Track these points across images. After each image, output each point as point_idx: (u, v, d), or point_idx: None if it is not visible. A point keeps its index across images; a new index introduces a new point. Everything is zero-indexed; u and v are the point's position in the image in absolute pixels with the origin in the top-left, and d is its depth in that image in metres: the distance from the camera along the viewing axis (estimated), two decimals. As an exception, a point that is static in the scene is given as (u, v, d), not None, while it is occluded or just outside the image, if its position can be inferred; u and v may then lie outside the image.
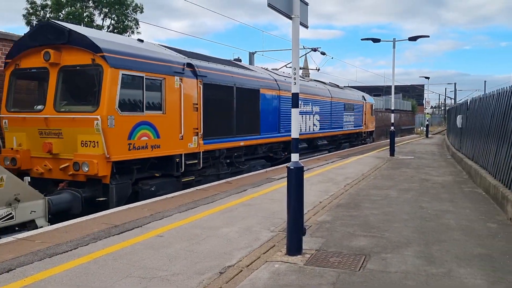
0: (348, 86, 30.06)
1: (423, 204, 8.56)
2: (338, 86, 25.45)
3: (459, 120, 17.29)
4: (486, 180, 9.61)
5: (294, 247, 5.39)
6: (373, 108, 31.12)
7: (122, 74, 8.70)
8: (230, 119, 12.46)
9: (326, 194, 9.59)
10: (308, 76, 34.29)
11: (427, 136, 40.24)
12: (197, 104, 10.82)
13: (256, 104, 13.92)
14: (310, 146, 19.35)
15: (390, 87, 21.56)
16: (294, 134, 5.43)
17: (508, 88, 8.87)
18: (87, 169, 8.22)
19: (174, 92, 10.05)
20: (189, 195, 9.32)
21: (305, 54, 26.93)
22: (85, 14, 32.56)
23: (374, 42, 20.94)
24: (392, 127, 20.40)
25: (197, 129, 10.82)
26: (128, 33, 34.31)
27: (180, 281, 4.57)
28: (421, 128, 61.24)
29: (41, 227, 7.20)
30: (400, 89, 71.11)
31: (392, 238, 6.19)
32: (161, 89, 9.71)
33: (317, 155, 19.72)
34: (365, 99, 28.30)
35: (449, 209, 8.07)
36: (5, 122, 9.44)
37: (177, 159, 10.22)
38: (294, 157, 5.41)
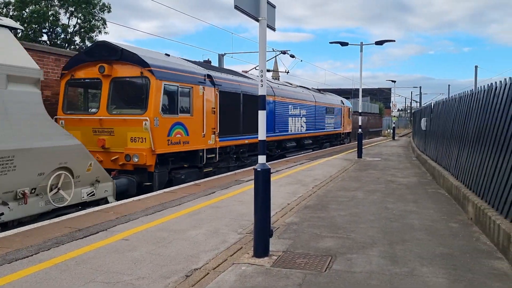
0: (318, 89, 30.66)
1: (389, 205, 8.73)
2: (320, 91, 28.08)
3: (423, 123, 17.75)
4: (449, 181, 9.89)
5: (261, 249, 5.40)
6: (350, 111, 33.51)
7: (164, 84, 10.95)
8: (237, 120, 14.82)
9: (294, 195, 9.65)
10: (278, 79, 34.53)
11: (393, 138, 41.15)
12: (214, 108, 13.15)
13: (257, 108, 14.67)
14: (298, 145, 21.77)
15: (358, 90, 21.92)
16: (261, 136, 5.44)
17: (468, 92, 9.15)
18: (137, 159, 10.34)
19: (199, 98, 12.35)
20: (157, 198, 9.20)
21: (275, 56, 27.16)
22: (50, 13, 31.72)
23: (342, 45, 21.26)
24: (360, 130, 20.74)
25: (214, 128, 13.14)
26: (95, 32, 33.61)
27: (145, 285, 4.49)
28: (388, 130, 62.56)
29: (111, 202, 9.10)
30: (368, 92, 72.45)
31: (358, 238, 6.28)
32: (190, 96, 11.98)
33: (303, 153, 22.25)
34: (343, 103, 30.61)
35: (413, 210, 8.26)
36: (61, 122, 11.15)
37: (200, 153, 12.51)
38: (261, 159, 5.41)
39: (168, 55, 12.48)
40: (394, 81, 44.16)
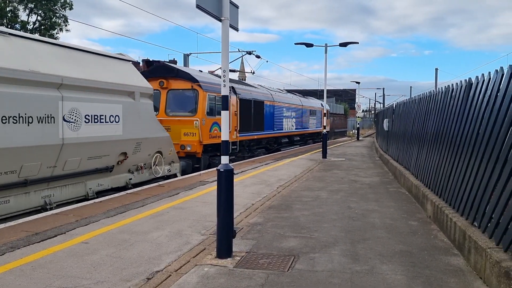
0: (285, 90, 31.29)
1: (351, 204, 8.88)
2: (304, 96, 33.93)
3: (385, 123, 18.16)
4: (409, 181, 10.15)
5: (224, 250, 5.37)
6: (328, 112, 37.06)
7: (208, 95, 15.51)
8: (250, 120, 19.57)
9: (259, 196, 9.67)
10: (244, 79, 34.71)
11: (358, 138, 41.93)
12: (236, 111, 17.93)
13: (262, 111, 21.39)
14: (289, 141, 27.26)
15: (323, 91, 22.19)
16: (224, 136, 5.41)
17: (427, 93, 9.43)
18: (189, 148, 14.80)
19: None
20: (119, 200, 9.02)
21: (241, 56, 27.15)
22: (8, 9, 30.61)
23: (307, 46, 21.47)
24: (325, 130, 20.99)
25: (236, 127, 17.94)
26: (56, 30, 32.68)
27: (104, 289, 4.39)
28: (353, 131, 63.72)
29: (179, 177, 13.18)
30: (333, 93, 73.52)
31: (321, 238, 6.35)
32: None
33: (293, 147, 27.30)
34: (322, 106, 33.49)
35: (375, 209, 8.43)
36: None
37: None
38: (224, 159, 5.39)
39: (201, 71, 17.60)
40: (359, 83, 44.99)
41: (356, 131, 47.92)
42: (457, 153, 6.52)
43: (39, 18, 32.93)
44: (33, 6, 31.95)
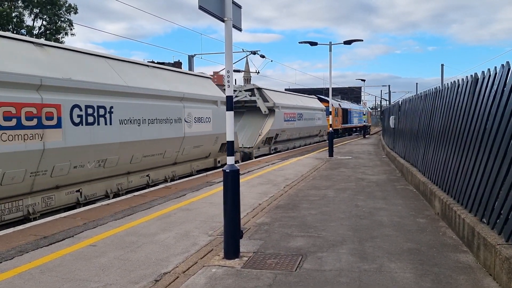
0: (289, 90, 31.34)
1: (359, 202, 8.84)
2: (352, 101, 47.73)
3: (392, 120, 18.07)
4: (416, 178, 10.09)
5: (231, 250, 5.37)
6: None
7: (341, 109, 36.56)
8: (344, 118, 32.94)
9: (266, 196, 9.66)
10: (249, 79, 34.71)
11: (364, 136, 41.73)
12: (340, 114, 29.07)
13: (347, 113, 42.01)
14: (355, 130, 45.66)
15: (328, 89, 22.14)
16: (229, 137, 5.40)
17: (433, 89, 9.36)
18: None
19: None
20: (126, 202, 9.05)
21: (246, 57, 27.19)
22: (14, 14, 30.82)
23: (311, 45, 21.42)
24: (331, 128, 20.92)
25: (341, 121, 29.02)
26: (61, 34, 32.83)
27: (112, 292, 4.40)
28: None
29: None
30: (338, 91, 73.24)
31: (328, 237, 6.33)
32: None
33: (356, 133, 44.88)
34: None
35: (382, 207, 8.39)
36: None
37: None
38: (230, 159, 5.38)
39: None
40: (364, 80, 44.89)
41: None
42: (464, 149, 6.47)
43: (44, 23, 33.11)
44: (38, 11, 32.13)
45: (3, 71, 7.49)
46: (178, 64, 19.68)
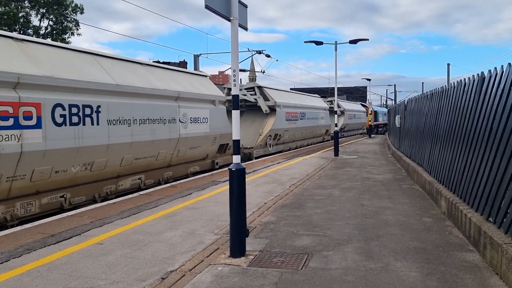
0: (296, 90, 31.30)
1: (364, 201, 8.83)
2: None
3: (397, 120, 18.02)
4: (422, 177, 10.07)
5: (237, 249, 5.39)
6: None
7: (374, 111, 43.68)
8: (375, 117, 39.14)
9: (271, 195, 9.67)
10: (255, 79, 34.71)
11: (370, 136, 41.61)
12: (372, 115, 30.58)
13: (377, 114, 52.17)
14: (381, 126, 51.00)
15: (334, 89, 22.12)
16: (235, 136, 5.42)
17: (439, 89, 9.33)
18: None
19: None
20: (132, 201, 9.09)
21: (251, 56, 27.21)
22: (20, 14, 31.00)
23: (317, 44, 21.39)
24: (336, 128, 20.89)
25: (373, 119, 34.90)
26: (68, 34, 33.00)
27: (119, 289, 4.43)
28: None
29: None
30: (344, 91, 73.17)
31: (334, 236, 6.33)
32: None
33: (381, 129, 51.58)
34: (373, 109, 47.89)
35: (388, 206, 8.38)
36: None
37: None
38: (236, 159, 5.40)
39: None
40: (369, 79, 44.72)
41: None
42: (470, 148, 6.45)
43: (50, 23, 33.29)
44: (44, 11, 32.30)
45: None
46: (183, 64, 19.65)
